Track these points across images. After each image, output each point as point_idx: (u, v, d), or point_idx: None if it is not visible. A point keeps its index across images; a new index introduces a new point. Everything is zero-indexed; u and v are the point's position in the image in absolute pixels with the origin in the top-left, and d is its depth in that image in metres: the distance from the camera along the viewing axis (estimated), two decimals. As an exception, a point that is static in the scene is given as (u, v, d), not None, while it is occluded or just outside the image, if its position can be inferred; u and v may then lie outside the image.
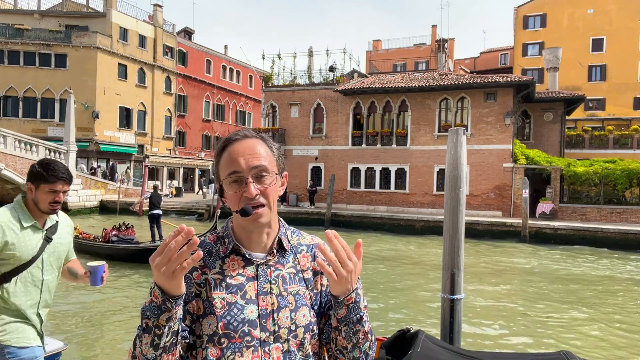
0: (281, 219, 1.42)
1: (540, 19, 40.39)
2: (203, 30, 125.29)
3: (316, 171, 28.22)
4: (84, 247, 12.94)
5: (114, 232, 13.25)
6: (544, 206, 22.32)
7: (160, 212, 16.02)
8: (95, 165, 33.57)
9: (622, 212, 21.55)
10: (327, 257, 1.15)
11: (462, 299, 4.48)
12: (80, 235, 13.74)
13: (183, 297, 1.14)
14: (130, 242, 13.16)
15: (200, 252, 1.07)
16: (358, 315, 1.23)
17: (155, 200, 15.81)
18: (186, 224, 1.10)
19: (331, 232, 1.15)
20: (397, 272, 13.36)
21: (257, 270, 1.30)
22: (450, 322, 4.38)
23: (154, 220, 15.75)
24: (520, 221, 20.27)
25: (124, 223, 14.16)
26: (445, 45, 42.86)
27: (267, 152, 1.31)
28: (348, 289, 1.19)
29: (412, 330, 2.99)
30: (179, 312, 1.14)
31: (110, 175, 33.02)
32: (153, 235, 15.72)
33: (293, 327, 1.29)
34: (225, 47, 50.66)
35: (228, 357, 1.23)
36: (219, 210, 17.55)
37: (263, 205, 1.28)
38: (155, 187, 16.58)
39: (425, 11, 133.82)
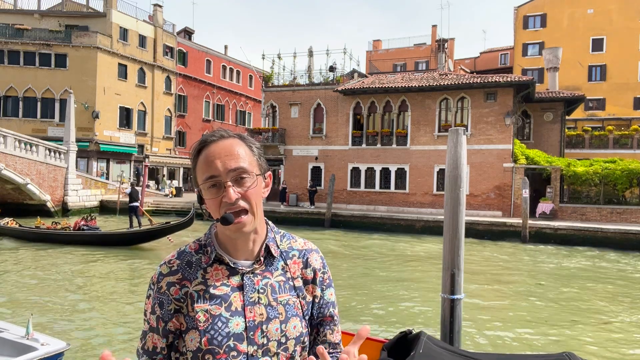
0: (269, 222, 1.33)
1: (540, 19, 40.38)
2: (203, 30, 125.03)
3: (316, 171, 28.22)
4: (57, 238, 15.64)
5: (82, 222, 15.94)
6: (544, 206, 22.32)
7: (137, 204, 18.99)
8: (95, 165, 33.58)
9: (622, 212, 21.55)
10: None
11: (462, 299, 4.49)
12: (48, 228, 16.31)
13: None
14: (96, 229, 15.92)
15: None
16: None
17: (133, 195, 18.84)
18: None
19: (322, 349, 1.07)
20: (397, 272, 13.35)
21: (242, 279, 1.22)
22: (450, 322, 4.38)
23: (133, 211, 18.64)
24: (520, 221, 20.26)
25: (89, 214, 17.92)
26: (445, 45, 42.84)
27: (246, 152, 1.23)
28: None
29: (413, 332, 2.98)
30: None
31: (136, 178, 34.00)
32: (131, 223, 18.48)
33: (283, 340, 1.21)
34: (225, 47, 50.65)
35: None
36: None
37: (246, 212, 1.19)
38: (132, 184, 19.91)
39: (425, 11, 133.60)
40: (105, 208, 27.57)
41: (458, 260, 4.48)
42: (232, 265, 1.23)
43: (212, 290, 1.20)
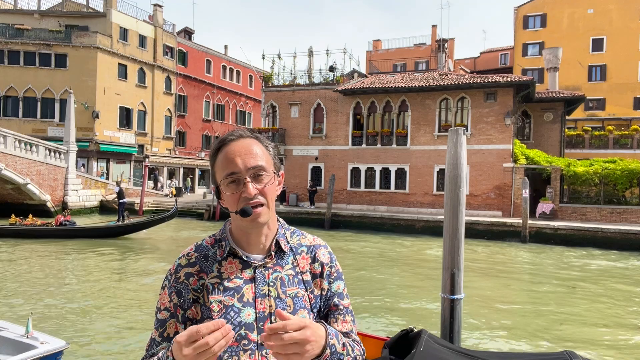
0: (280, 219, 1.42)
1: (540, 19, 40.37)
2: (203, 30, 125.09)
3: (316, 171, 28.21)
4: (40, 233, 16.90)
5: (62, 218, 17.70)
6: (544, 206, 22.32)
7: (125, 201, 21.49)
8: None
9: (622, 212, 21.55)
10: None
11: (462, 299, 4.49)
12: (26, 225, 17.38)
13: None
14: (73, 224, 17.77)
15: (231, 332, 1.06)
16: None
17: (121, 193, 21.36)
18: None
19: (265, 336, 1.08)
20: (397, 272, 13.36)
21: (254, 272, 1.30)
22: (450, 322, 4.39)
23: (121, 207, 20.96)
24: (520, 221, 20.26)
25: (67, 210, 20.71)
26: (445, 45, 42.83)
27: (263, 152, 1.32)
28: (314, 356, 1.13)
29: (415, 330, 2.99)
30: None
31: (154, 183, 35.15)
32: (119, 218, 20.66)
33: None
34: (225, 47, 50.64)
35: None
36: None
37: (262, 205, 1.28)
38: (118, 183, 22.21)
39: (425, 11, 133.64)
40: (105, 208, 27.58)
41: (458, 260, 4.48)
42: (245, 258, 1.31)
43: (226, 283, 1.28)
